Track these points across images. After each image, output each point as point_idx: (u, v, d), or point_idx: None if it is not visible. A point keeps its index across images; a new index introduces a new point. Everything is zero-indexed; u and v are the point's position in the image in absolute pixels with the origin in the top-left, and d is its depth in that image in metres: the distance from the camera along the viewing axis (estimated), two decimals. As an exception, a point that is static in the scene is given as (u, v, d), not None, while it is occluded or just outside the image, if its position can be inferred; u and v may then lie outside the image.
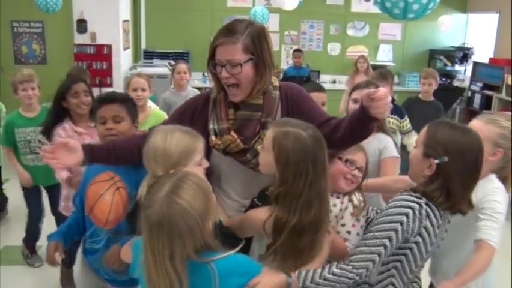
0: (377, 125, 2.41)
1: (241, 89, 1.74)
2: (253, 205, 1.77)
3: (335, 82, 8.15)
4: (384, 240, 1.53)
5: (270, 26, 7.94)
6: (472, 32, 8.44)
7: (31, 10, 5.59)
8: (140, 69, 6.83)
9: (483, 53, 7.89)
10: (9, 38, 6.59)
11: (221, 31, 1.74)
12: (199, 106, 1.88)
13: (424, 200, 1.58)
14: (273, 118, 1.79)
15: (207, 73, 1.85)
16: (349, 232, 1.78)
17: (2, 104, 4.11)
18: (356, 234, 1.77)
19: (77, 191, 2.16)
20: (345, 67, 8.39)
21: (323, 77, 8.17)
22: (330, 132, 1.71)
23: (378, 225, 1.58)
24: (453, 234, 1.82)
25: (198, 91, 4.53)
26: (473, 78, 7.78)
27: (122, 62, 6.74)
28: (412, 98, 4.66)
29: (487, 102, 7.34)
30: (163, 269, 1.31)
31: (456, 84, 8.06)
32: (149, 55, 7.75)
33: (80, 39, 6.48)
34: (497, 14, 7.47)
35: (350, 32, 8.37)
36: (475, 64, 7.81)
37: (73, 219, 2.13)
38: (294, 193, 1.54)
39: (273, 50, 1.79)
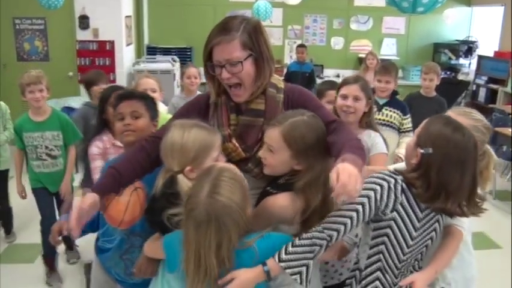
0: (365, 121, 2.43)
1: (245, 88, 1.69)
2: (265, 194, 1.71)
3: (338, 76, 8.08)
4: (357, 206, 1.55)
5: (273, 20, 7.89)
6: (477, 25, 8.38)
7: (33, 7, 5.56)
8: (144, 65, 6.83)
9: (488, 46, 7.83)
10: (12, 35, 6.53)
11: (215, 30, 1.67)
12: (202, 108, 1.83)
13: (401, 178, 1.61)
14: None
15: (205, 74, 1.76)
16: None
17: (6, 106, 3.93)
18: None
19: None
20: (349, 61, 8.36)
21: (327, 72, 8.13)
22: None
23: None
24: None
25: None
26: (478, 71, 7.73)
27: (125, 57, 6.71)
28: (413, 94, 4.41)
29: (492, 96, 7.29)
30: (210, 262, 1.42)
31: (461, 78, 8.00)
32: (152, 51, 7.72)
33: (82, 35, 6.47)
34: (503, 7, 7.41)
35: (353, 26, 8.31)
36: (480, 57, 7.76)
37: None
38: (318, 176, 1.60)
39: (270, 44, 1.73)
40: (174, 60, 7.19)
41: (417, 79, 7.67)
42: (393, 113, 3.45)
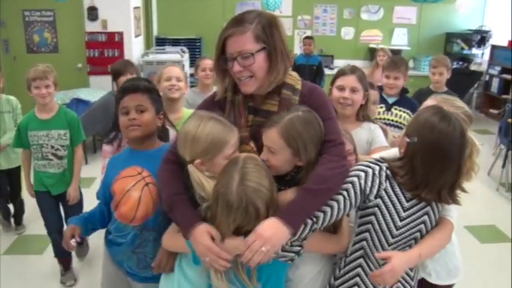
0: (362, 114, 2.35)
1: (255, 79, 1.64)
2: None
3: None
4: (342, 191, 1.59)
5: (283, 10, 7.82)
6: (491, 14, 8.22)
7: (42, -2, 5.56)
8: (153, 56, 6.82)
9: (502, 36, 7.68)
10: (21, 27, 6.56)
11: (229, 23, 1.63)
12: (220, 105, 1.77)
13: (386, 165, 1.63)
14: None
15: (215, 68, 1.72)
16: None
17: (17, 101, 3.78)
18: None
19: (101, 184, 2.09)
20: (359, 52, 8.27)
21: (337, 62, 8.05)
22: None
23: None
24: None
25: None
26: (491, 62, 7.62)
27: (134, 49, 6.71)
28: (423, 90, 4.07)
29: (505, 86, 7.19)
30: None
31: (473, 68, 7.88)
32: (162, 42, 7.71)
33: (91, 27, 6.47)
34: (517, -5, 7.27)
35: (363, 16, 8.21)
36: (493, 47, 7.64)
37: (97, 210, 2.06)
38: None
39: (286, 40, 1.67)
40: (183, 51, 7.17)
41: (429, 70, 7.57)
42: (403, 112, 3.22)
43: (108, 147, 2.51)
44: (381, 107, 3.19)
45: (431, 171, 1.56)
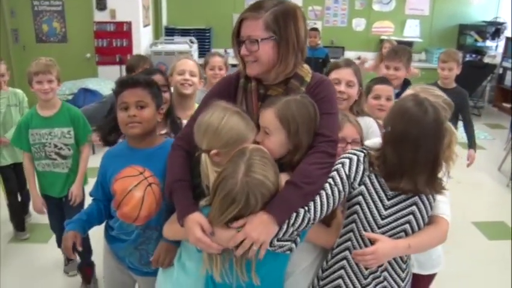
0: (356, 109, 2.31)
1: (260, 63, 1.65)
2: None
3: (359, 59, 7.91)
4: (329, 179, 1.60)
5: (294, 1, 7.73)
6: (506, 5, 8.01)
7: (50, -13, 5.55)
8: (161, 46, 6.79)
9: (517, 28, 7.54)
10: (30, 16, 6.56)
11: (249, 6, 1.67)
12: (232, 92, 1.78)
13: (367, 153, 1.64)
14: None
15: (233, 49, 1.74)
16: None
17: (23, 94, 3.67)
18: None
19: (97, 181, 2.04)
20: (370, 43, 8.16)
21: (347, 54, 7.95)
22: None
23: None
24: None
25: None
26: (506, 54, 7.47)
27: (143, 39, 6.68)
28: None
29: (519, 79, 7.05)
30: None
31: (487, 60, 7.73)
32: (171, 32, 7.68)
33: (100, 16, 6.46)
34: (533, -14, 7.10)
35: (375, 6, 8.08)
36: (508, 40, 7.48)
37: (94, 207, 2.00)
38: (306, 153, 1.63)
39: (302, 34, 1.65)
40: (192, 42, 7.13)
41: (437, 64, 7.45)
42: None
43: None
44: None
45: (404, 159, 1.53)
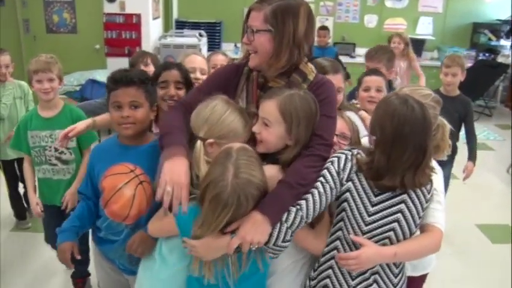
0: (339, 107, 2.23)
1: (258, 55, 1.69)
2: None
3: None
4: (320, 178, 1.60)
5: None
6: (522, 4, 7.90)
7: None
8: (170, 39, 6.79)
9: (532, 27, 7.39)
10: (41, 7, 6.60)
11: None
12: (231, 79, 1.82)
13: (356, 151, 1.64)
14: None
15: (241, 43, 1.80)
16: None
17: (28, 86, 3.50)
18: None
19: (84, 179, 2.01)
20: (382, 40, 7.95)
21: (359, 50, 7.85)
22: None
23: None
24: None
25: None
26: (519, 54, 7.32)
27: (152, 31, 6.68)
28: None
29: (532, 80, 6.92)
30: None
31: (500, 60, 7.59)
32: (181, 25, 7.65)
33: (109, 8, 6.46)
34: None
35: (388, 3, 7.96)
36: (522, 39, 7.34)
37: (84, 208, 1.96)
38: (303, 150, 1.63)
39: (301, 32, 1.65)
40: (201, 35, 7.11)
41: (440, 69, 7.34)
42: None
43: None
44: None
45: (393, 159, 1.53)
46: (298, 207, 1.53)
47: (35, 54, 2.82)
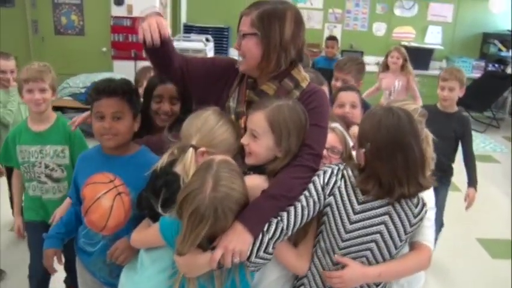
0: None
1: (246, 60, 1.71)
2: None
3: (378, 64, 7.77)
4: (305, 192, 1.58)
5: (314, 3, 7.69)
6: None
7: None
8: (176, 44, 6.78)
9: (543, 39, 7.30)
10: (50, 8, 6.69)
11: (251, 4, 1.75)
12: (230, 72, 1.82)
13: (343, 166, 1.63)
14: None
15: None
16: None
17: None
18: None
19: (72, 183, 2.01)
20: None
21: (367, 59, 7.76)
22: None
23: None
24: None
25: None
26: (529, 65, 7.23)
27: (158, 35, 6.68)
28: (428, 108, 2.86)
29: (542, 92, 6.83)
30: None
31: (509, 71, 7.51)
32: (189, 29, 7.67)
33: (117, 11, 6.50)
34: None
35: (397, 11, 7.93)
36: (533, 50, 7.25)
37: (72, 213, 1.96)
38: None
39: (287, 35, 1.65)
40: (207, 40, 7.11)
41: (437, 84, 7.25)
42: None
43: None
44: None
45: (397, 168, 1.52)
46: (279, 218, 1.51)
47: (43, 56, 2.78)
